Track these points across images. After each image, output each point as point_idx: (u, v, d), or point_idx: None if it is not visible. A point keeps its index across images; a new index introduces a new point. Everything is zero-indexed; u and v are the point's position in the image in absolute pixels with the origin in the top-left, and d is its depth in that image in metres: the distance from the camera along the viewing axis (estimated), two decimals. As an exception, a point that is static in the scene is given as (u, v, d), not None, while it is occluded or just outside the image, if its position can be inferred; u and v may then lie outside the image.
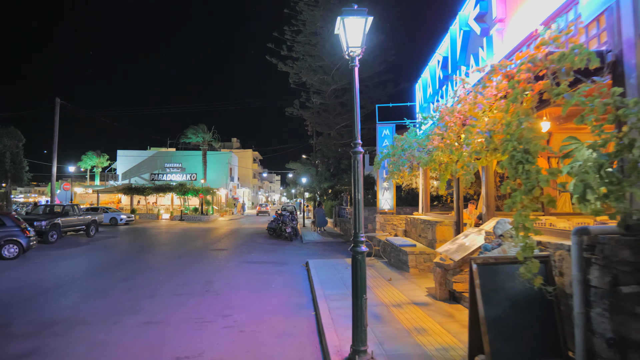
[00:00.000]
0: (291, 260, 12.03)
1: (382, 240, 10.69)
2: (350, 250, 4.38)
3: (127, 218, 29.73)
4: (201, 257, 12.77)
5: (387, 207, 12.14)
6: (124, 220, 29.11)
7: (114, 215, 28.98)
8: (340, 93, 34.60)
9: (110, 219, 28.67)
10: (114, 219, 28.73)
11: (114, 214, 29.19)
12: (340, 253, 13.70)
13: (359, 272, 4.30)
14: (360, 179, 4.40)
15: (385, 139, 12.30)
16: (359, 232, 4.32)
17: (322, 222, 21.80)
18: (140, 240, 18.61)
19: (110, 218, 28.69)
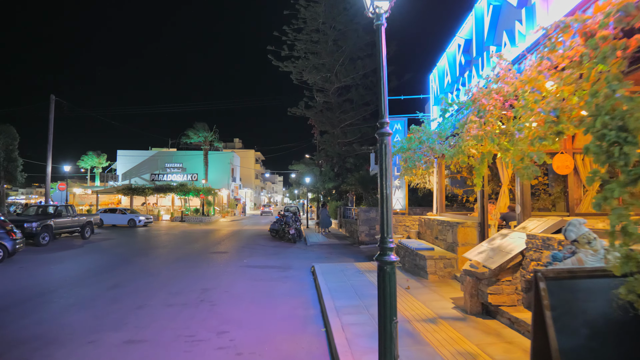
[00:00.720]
0: (296, 265, 11.17)
1: (395, 243, 9.82)
2: (377, 260, 3.51)
3: (146, 220, 28.73)
4: (199, 261, 11.93)
5: (398, 207, 11.28)
6: (142, 222, 28.13)
7: (132, 217, 27.89)
8: (344, 91, 33.73)
9: (129, 221, 27.63)
10: (132, 221, 27.65)
11: (132, 216, 28.09)
12: (348, 256, 12.84)
13: (388, 288, 3.44)
14: (389, 167, 3.57)
15: (396, 134, 11.44)
16: (387, 236, 3.45)
17: (327, 223, 20.95)
18: (136, 242, 17.80)
19: (128, 220, 27.67)
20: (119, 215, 28.04)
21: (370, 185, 21.89)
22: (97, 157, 55.23)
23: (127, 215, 27.95)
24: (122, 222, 27.75)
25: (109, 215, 27.98)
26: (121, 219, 27.74)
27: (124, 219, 27.68)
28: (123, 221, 27.69)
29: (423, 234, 10.50)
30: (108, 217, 27.77)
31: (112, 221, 27.83)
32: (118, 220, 27.76)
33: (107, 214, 28.02)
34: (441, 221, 8.78)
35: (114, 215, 27.99)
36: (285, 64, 32.47)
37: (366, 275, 8.33)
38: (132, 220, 27.66)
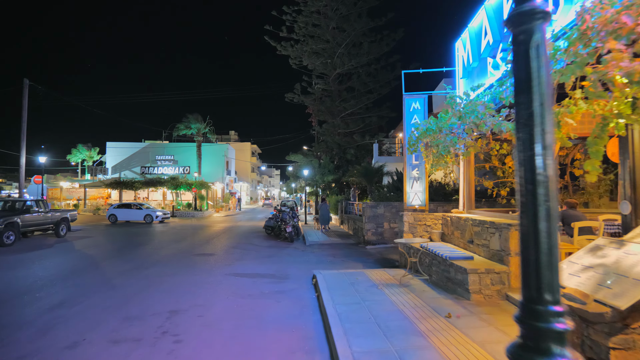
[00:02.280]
0: (293, 272, 9.26)
1: (417, 249, 7.90)
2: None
3: (163, 215, 26.84)
4: (178, 267, 10.00)
5: (417, 202, 9.36)
6: (159, 218, 26.25)
7: (149, 213, 26.01)
8: (345, 78, 31.65)
9: (145, 217, 25.75)
10: (148, 216, 25.76)
11: (148, 211, 26.21)
12: (354, 260, 10.94)
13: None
14: (546, 88, 1.57)
15: (414, 115, 9.50)
16: (552, 291, 1.49)
17: (327, 219, 19.04)
18: (116, 241, 15.84)
19: (144, 215, 25.79)
20: (134, 210, 26.12)
21: (375, 177, 19.97)
22: (88, 150, 53.13)
23: (143, 211, 26.07)
24: (137, 218, 25.79)
25: (123, 210, 26.12)
26: (136, 214, 25.86)
27: (139, 215, 25.78)
28: (138, 217, 25.75)
29: (449, 235, 8.59)
30: (122, 212, 25.99)
31: (127, 217, 25.96)
32: (133, 217, 25.86)
33: (121, 210, 26.17)
34: (480, 221, 6.87)
35: (129, 211, 26.11)
36: (282, 44, 30.37)
37: (384, 292, 6.42)
38: (148, 216, 25.72)
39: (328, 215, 18.95)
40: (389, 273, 8.02)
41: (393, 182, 16.44)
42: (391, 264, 10.14)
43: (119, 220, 25.86)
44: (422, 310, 5.39)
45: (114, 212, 26.10)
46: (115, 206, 26.83)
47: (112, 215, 25.94)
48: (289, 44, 30.75)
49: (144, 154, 45.73)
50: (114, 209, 26.35)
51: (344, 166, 30.01)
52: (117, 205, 26.86)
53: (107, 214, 26.34)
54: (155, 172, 42.44)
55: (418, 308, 5.48)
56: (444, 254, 6.59)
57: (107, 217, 26.13)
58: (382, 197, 15.32)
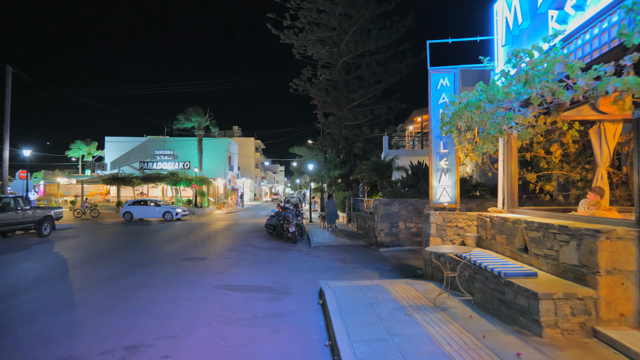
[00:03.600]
0: (296, 284, 7.66)
1: (454, 259, 6.24)
2: None
3: (182, 212, 25.86)
4: (160, 276, 8.44)
5: (445, 199, 7.70)
6: (179, 215, 25.21)
7: (169, 210, 25.14)
8: (353, 67, 29.89)
9: (164, 214, 24.80)
10: (168, 213, 24.84)
11: (168, 208, 25.38)
12: (368, 267, 9.31)
13: None
14: None
15: (442, 93, 7.82)
16: None
17: (334, 216, 17.41)
18: (102, 242, 14.33)
19: (163, 212, 24.85)
20: (151, 208, 25.15)
21: (387, 172, 18.30)
22: (87, 145, 51.79)
23: (162, 208, 25.13)
24: (155, 215, 24.82)
25: (139, 207, 25.15)
26: (154, 212, 24.89)
27: (158, 212, 24.80)
28: (157, 214, 24.78)
29: (487, 240, 6.95)
30: (137, 209, 24.98)
31: (143, 215, 25.03)
32: (150, 214, 24.93)
33: (137, 207, 25.13)
34: (541, 225, 5.20)
35: (146, 208, 25.18)
36: (285, 32, 28.64)
37: (417, 321, 4.80)
38: (168, 213, 24.72)
39: (335, 212, 17.33)
40: (415, 288, 6.39)
41: (408, 176, 14.77)
42: (413, 273, 8.52)
43: (135, 218, 24.66)
44: (477, 352, 3.76)
45: (129, 209, 24.83)
46: (129, 203, 25.62)
47: (127, 213, 24.71)
48: (293, 32, 29.03)
49: (144, 149, 44.30)
50: (129, 206, 25.15)
51: (351, 161, 28.34)
52: (131, 202, 25.66)
53: (121, 212, 25.01)
54: (155, 167, 41.07)
55: (471, 349, 3.85)
56: (496, 269, 4.95)
57: (122, 215, 24.79)
58: (395, 193, 13.67)
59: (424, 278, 7.66)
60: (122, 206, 25.47)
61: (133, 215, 24.70)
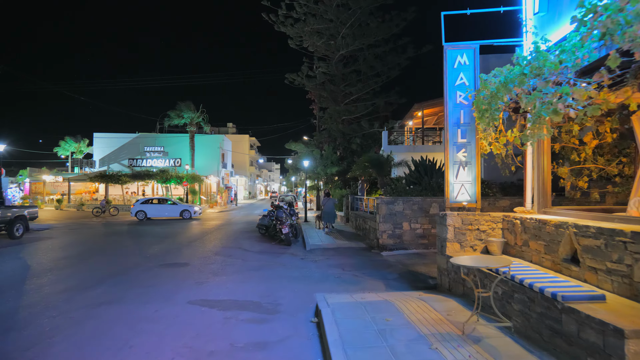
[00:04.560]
0: (287, 298, 6.46)
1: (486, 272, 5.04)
2: None
3: (199, 210, 25.36)
4: (129, 287, 7.21)
5: (464, 198, 6.53)
6: (197, 214, 24.68)
7: (187, 208, 24.29)
8: (350, 60, 28.62)
9: (182, 212, 23.96)
10: (186, 212, 24.05)
11: (187, 207, 24.50)
12: (371, 275, 8.12)
13: None
14: None
15: (460, 73, 6.63)
16: None
17: (332, 216, 16.20)
18: (79, 245, 13.04)
19: (181, 211, 23.99)
20: (168, 206, 24.05)
21: (387, 167, 17.13)
22: (77, 142, 50.13)
23: (179, 206, 24.22)
24: (172, 214, 23.81)
25: (154, 206, 23.88)
26: (170, 210, 23.85)
27: (175, 211, 23.82)
28: (174, 213, 23.80)
29: (518, 247, 5.78)
30: (152, 208, 23.69)
31: (160, 214, 23.81)
32: (167, 213, 23.84)
33: (151, 205, 23.79)
34: (601, 230, 4.03)
35: (162, 206, 24.00)
36: (280, 19, 27.36)
37: (446, 358, 3.61)
38: (186, 212, 23.92)
39: (333, 211, 16.12)
40: (432, 306, 5.21)
41: (411, 172, 13.60)
42: (423, 283, 7.35)
43: (150, 217, 23.40)
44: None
45: (141, 208, 23.23)
46: (141, 202, 24.06)
47: (140, 212, 23.01)
48: (289, 22, 27.74)
49: (134, 146, 42.85)
50: (141, 204, 23.55)
51: (349, 157, 27.14)
52: (143, 201, 24.21)
53: (133, 211, 23.29)
54: (144, 164, 39.68)
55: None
56: (547, 288, 3.78)
57: (134, 215, 23.09)
58: (399, 190, 12.49)
59: (438, 290, 6.49)
60: (134, 205, 23.97)
61: (147, 214, 23.23)
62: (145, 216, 23.12)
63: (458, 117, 6.61)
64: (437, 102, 23.05)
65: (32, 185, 41.88)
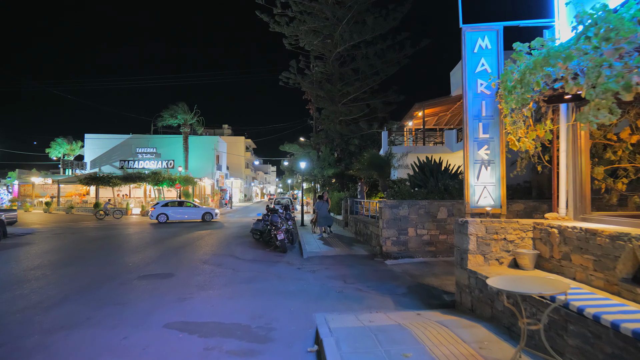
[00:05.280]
0: (282, 321, 5.53)
1: (537, 300, 4.08)
2: None
3: (220, 213, 25.69)
4: (97, 307, 6.25)
5: (487, 202, 5.63)
6: (217, 216, 24.70)
7: (208, 211, 24.27)
8: (348, 59, 27.76)
9: (204, 215, 23.82)
10: (208, 214, 23.95)
11: (208, 210, 24.54)
12: (376, 289, 7.18)
13: None
14: None
15: (481, 58, 5.75)
16: None
17: (327, 220, 15.22)
18: (56, 252, 12.03)
19: (203, 214, 23.87)
20: (190, 209, 24.13)
21: (388, 169, 16.25)
22: (69, 143, 48.91)
23: (200, 209, 24.33)
24: (193, 216, 23.71)
25: (176, 209, 23.69)
26: (192, 213, 23.85)
27: (197, 214, 23.81)
28: (196, 216, 23.75)
29: (556, 261, 4.88)
30: (173, 210, 23.46)
31: (182, 216, 23.69)
32: (189, 215, 23.78)
33: (172, 208, 23.62)
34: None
35: (184, 209, 24.02)
36: (276, 18, 26.48)
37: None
38: (208, 214, 23.94)
39: (328, 215, 15.16)
40: (458, 335, 4.29)
41: (415, 174, 12.71)
42: (438, 300, 6.43)
43: (171, 219, 23.08)
44: None
45: (163, 210, 22.89)
46: (162, 204, 23.68)
47: (161, 215, 22.76)
48: (284, 21, 26.88)
49: (127, 147, 41.79)
50: (162, 207, 23.21)
51: (347, 159, 26.25)
52: (164, 203, 23.82)
53: (154, 214, 22.88)
54: (136, 166, 38.61)
55: None
56: (626, 324, 2.86)
57: (155, 218, 22.80)
58: (403, 193, 11.59)
59: (457, 310, 5.57)
60: (154, 207, 23.37)
61: (169, 217, 22.98)
62: (166, 219, 22.83)
63: (479, 109, 5.72)
64: (438, 101, 22.22)
65: (21, 187, 40.74)
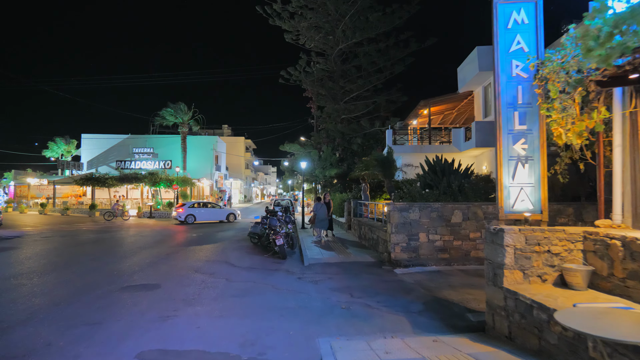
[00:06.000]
0: (278, 345, 4.62)
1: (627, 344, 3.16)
2: None
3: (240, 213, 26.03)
4: (69, 328, 5.35)
5: (524, 207, 4.73)
6: (239, 217, 25.40)
7: (232, 212, 25.20)
8: (350, 56, 26.87)
9: (228, 216, 24.67)
10: (232, 215, 24.85)
11: (232, 211, 25.50)
12: (387, 304, 6.26)
13: None
14: None
15: (516, 35, 4.85)
16: None
17: (325, 223, 14.26)
18: (36, 258, 11.14)
19: (227, 214, 24.74)
20: (215, 210, 25.17)
21: (393, 169, 15.34)
22: (66, 143, 48.03)
23: (225, 210, 25.34)
24: (219, 217, 24.65)
25: (202, 210, 24.54)
26: (218, 214, 24.84)
27: (222, 214, 24.77)
28: (221, 217, 24.66)
29: (617, 280, 3.96)
30: (199, 212, 24.22)
31: (208, 217, 24.59)
32: (214, 216, 24.71)
33: (199, 209, 24.39)
34: None
35: (210, 210, 25.03)
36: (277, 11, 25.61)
37: None
38: (232, 215, 24.90)
39: (326, 218, 14.19)
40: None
41: (425, 174, 11.80)
42: (461, 319, 5.51)
43: (198, 220, 23.78)
44: None
45: (191, 212, 23.69)
46: (189, 205, 24.33)
47: (190, 216, 23.47)
48: (285, 15, 26.02)
49: (124, 148, 40.94)
50: (190, 208, 23.96)
51: (349, 159, 25.36)
52: (191, 205, 24.47)
53: (182, 215, 23.30)
54: (132, 166, 37.73)
55: None
56: None
57: (183, 219, 23.21)
58: (413, 195, 10.69)
59: (489, 335, 4.65)
60: (184, 208, 23.86)
61: (196, 217, 23.71)
62: (194, 219, 23.49)
63: (514, 96, 4.82)
64: (445, 98, 21.30)
65: (17, 188, 39.94)
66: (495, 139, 4.85)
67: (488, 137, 17.35)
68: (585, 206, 8.66)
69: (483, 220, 9.53)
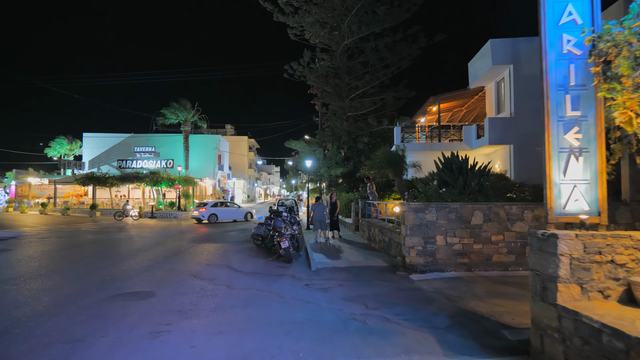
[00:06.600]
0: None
1: None
2: None
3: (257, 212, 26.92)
4: (45, 347, 4.66)
5: (579, 208, 3.99)
6: (255, 216, 25.83)
7: (249, 211, 26.37)
8: (356, 51, 26.09)
9: (246, 215, 25.86)
10: (249, 214, 26.04)
11: (249, 210, 26.74)
12: (409, 319, 5.52)
13: None
14: None
15: (567, 4, 4.09)
16: None
17: (324, 225, 13.49)
18: (27, 261, 10.48)
19: (245, 214, 25.92)
20: (235, 209, 26.23)
21: (403, 166, 14.57)
22: (69, 142, 47.52)
23: (244, 210, 26.44)
24: (238, 217, 25.71)
25: (222, 209, 25.50)
26: (238, 213, 25.92)
27: (240, 214, 25.89)
28: (240, 216, 25.78)
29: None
30: (221, 211, 25.21)
31: (229, 216, 25.53)
32: (234, 215, 25.70)
33: (220, 209, 25.41)
34: None
35: (230, 209, 26.02)
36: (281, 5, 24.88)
37: None
38: (249, 214, 26.08)
39: (323, 219, 13.41)
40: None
41: (440, 172, 11.02)
42: (496, 338, 4.76)
43: (220, 220, 24.77)
44: None
45: (213, 211, 24.71)
46: (211, 205, 25.31)
47: (212, 215, 24.47)
48: (289, 10, 25.28)
49: (126, 146, 40.39)
50: (212, 207, 24.93)
51: (355, 157, 24.60)
52: (212, 204, 25.44)
53: (205, 215, 24.21)
54: (134, 165, 37.11)
55: None
56: None
57: (207, 218, 24.12)
58: (428, 195, 9.94)
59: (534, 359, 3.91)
60: (206, 208, 24.70)
61: (218, 217, 24.71)
62: (216, 219, 24.44)
63: (565, 76, 4.07)
64: (455, 94, 20.49)
65: (18, 188, 39.45)
66: (542, 127, 4.08)
67: (501, 134, 16.61)
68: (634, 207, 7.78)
69: (506, 222, 8.77)
